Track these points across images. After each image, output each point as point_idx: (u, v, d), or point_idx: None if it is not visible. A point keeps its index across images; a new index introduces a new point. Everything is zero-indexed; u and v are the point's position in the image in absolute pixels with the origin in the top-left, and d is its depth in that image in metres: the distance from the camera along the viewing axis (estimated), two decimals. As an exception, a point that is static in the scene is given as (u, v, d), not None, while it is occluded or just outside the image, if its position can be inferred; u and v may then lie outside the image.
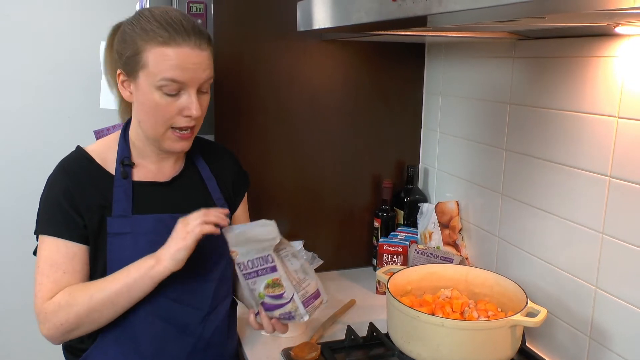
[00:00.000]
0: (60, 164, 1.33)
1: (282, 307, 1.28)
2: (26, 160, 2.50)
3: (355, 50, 1.95)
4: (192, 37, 1.23)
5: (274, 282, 1.27)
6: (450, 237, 1.87)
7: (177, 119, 1.27)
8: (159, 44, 1.21)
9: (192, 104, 1.25)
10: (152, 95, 1.24)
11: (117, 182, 1.31)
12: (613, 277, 1.29)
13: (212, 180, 1.43)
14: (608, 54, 1.27)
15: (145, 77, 1.23)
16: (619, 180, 1.26)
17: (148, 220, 1.30)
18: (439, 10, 0.81)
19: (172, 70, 1.22)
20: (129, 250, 1.26)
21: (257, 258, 1.26)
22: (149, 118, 1.27)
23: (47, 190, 1.30)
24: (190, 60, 1.23)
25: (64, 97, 2.51)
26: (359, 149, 2.02)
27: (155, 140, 1.30)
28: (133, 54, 1.23)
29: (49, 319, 1.23)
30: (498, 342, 1.29)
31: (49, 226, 1.27)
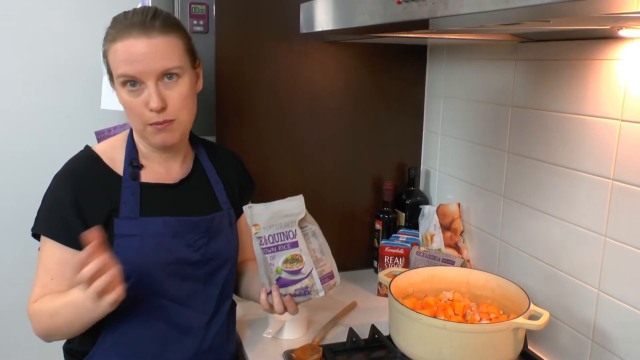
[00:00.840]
0: (68, 164, 1.32)
1: (299, 282, 1.28)
2: (26, 160, 2.49)
3: (357, 51, 1.94)
4: (137, 27, 1.20)
5: (293, 257, 1.27)
6: (451, 239, 1.87)
7: (147, 114, 1.24)
8: (111, 42, 1.23)
9: (149, 97, 1.22)
10: (121, 94, 1.26)
11: (125, 183, 1.30)
12: (616, 280, 1.29)
13: (219, 184, 1.43)
14: (611, 56, 1.27)
15: (114, 77, 1.26)
16: (621, 183, 1.26)
17: (156, 223, 1.29)
18: (444, 13, 0.81)
19: (122, 65, 1.21)
20: (135, 252, 1.26)
21: (279, 233, 1.27)
22: (129, 118, 1.29)
23: (52, 190, 1.29)
24: (136, 51, 1.20)
25: (65, 98, 2.51)
26: (360, 151, 2.02)
27: (142, 138, 1.32)
28: (104, 57, 1.27)
29: (32, 320, 1.28)
30: (500, 345, 1.29)
31: (47, 227, 1.27)
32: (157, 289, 1.29)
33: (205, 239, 1.35)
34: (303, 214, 1.29)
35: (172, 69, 1.23)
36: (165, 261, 1.29)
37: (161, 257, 1.28)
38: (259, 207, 1.28)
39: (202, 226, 1.34)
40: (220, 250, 1.37)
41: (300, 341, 1.52)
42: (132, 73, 1.21)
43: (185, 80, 1.27)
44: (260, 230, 1.26)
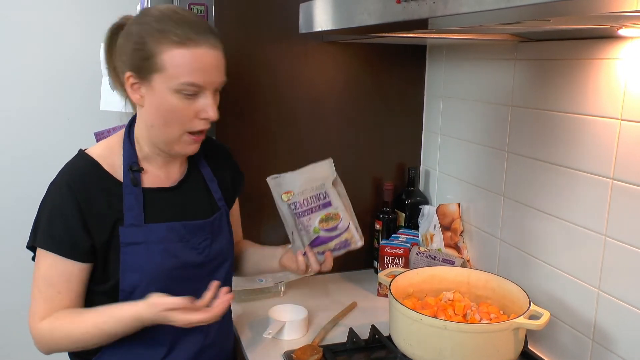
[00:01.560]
0: (65, 172, 1.26)
1: (338, 237, 1.38)
2: (26, 161, 2.49)
3: (356, 52, 1.94)
4: (208, 35, 1.20)
5: (327, 216, 1.37)
6: (451, 240, 1.87)
7: (194, 122, 1.23)
8: (175, 45, 1.17)
9: (209, 107, 1.22)
10: (169, 98, 1.19)
11: (127, 189, 1.26)
12: (616, 280, 1.29)
13: (213, 181, 1.42)
14: (611, 56, 1.27)
15: (162, 80, 1.19)
16: (621, 183, 1.26)
17: (161, 229, 1.27)
18: (444, 12, 0.81)
19: (192, 73, 1.18)
20: (142, 259, 1.25)
21: (312, 196, 1.36)
22: (164, 122, 1.23)
23: (51, 200, 1.23)
24: (208, 61, 1.20)
25: (64, 99, 2.51)
26: (360, 151, 2.02)
27: (167, 144, 1.27)
28: (146, 57, 1.18)
29: (41, 339, 1.24)
30: (501, 345, 1.28)
31: (50, 241, 1.21)
32: (162, 292, 1.25)
33: (209, 240, 1.35)
34: (334, 175, 1.39)
35: (223, 84, 1.27)
36: (171, 266, 1.28)
37: (168, 263, 1.27)
38: (288, 175, 1.36)
39: (205, 228, 1.35)
40: (222, 249, 1.38)
41: (300, 342, 1.52)
42: (201, 83, 1.20)
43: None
44: (294, 196, 1.34)
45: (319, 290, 1.89)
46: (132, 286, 1.25)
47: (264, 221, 1.87)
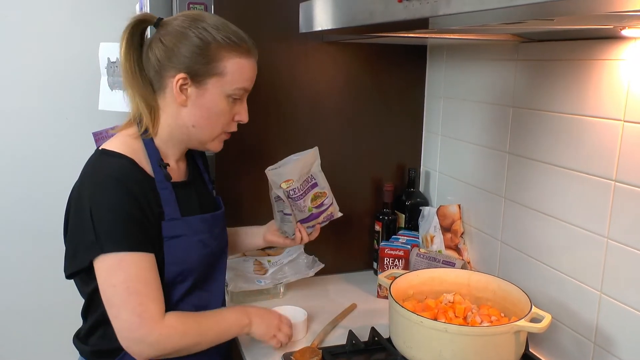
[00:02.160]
0: (107, 172, 1.22)
1: (325, 211, 1.59)
2: (25, 161, 2.48)
3: (356, 52, 1.93)
4: (256, 51, 1.35)
5: (316, 195, 1.56)
6: (452, 241, 1.86)
7: (231, 124, 1.36)
8: (240, 55, 1.29)
9: (244, 110, 1.36)
10: (220, 101, 1.30)
11: (161, 184, 1.29)
12: (618, 282, 1.28)
13: (205, 173, 1.52)
14: (614, 56, 1.26)
15: (218, 84, 1.28)
16: (624, 185, 1.24)
17: (196, 221, 1.34)
18: (446, 11, 0.79)
19: (247, 81, 1.32)
20: (182, 252, 1.30)
21: (304, 180, 1.53)
22: (209, 122, 1.32)
23: (107, 204, 1.20)
24: (254, 73, 1.35)
25: (63, 99, 2.49)
26: (359, 152, 2.01)
27: (202, 142, 1.36)
28: (208, 61, 1.26)
29: (160, 341, 1.22)
30: (502, 348, 1.27)
31: (130, 242, 1.20)
32: (195, 281, 1.35)
33: (222, 229, 1.46)
34: (319, 160, 1.58)
35: None
36: (205, 255, 1.36)
37: (203, 253, 1.35)
38: (286, 166, 1.51)
39: (221, 218, 1.46)
40: (226, 237, 1.49)
41: (299, 344, 1.50)
42: (249, 89, 1.35)
43: None
44: (293, 183, 1.50)
45: (319, 292, 1.88)
46: (175, 277, 1.30)
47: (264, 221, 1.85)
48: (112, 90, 2.00)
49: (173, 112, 1.31)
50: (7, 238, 2.52)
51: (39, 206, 2.46)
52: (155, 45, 1.28)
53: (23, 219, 2.49)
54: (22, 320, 2.56)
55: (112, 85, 1.99)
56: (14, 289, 2.55)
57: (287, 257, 1.87)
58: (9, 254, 2.52)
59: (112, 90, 2.01)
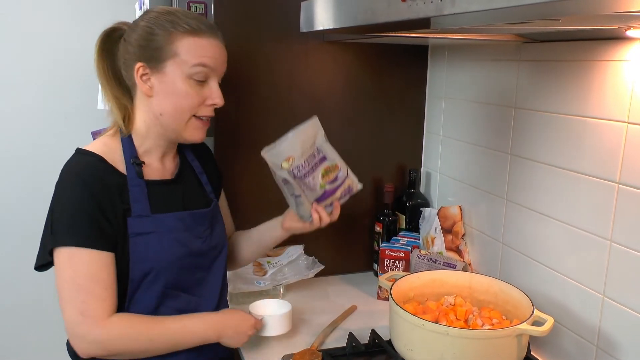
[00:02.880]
0: (73, 168, 1.28)
1: (341, 186, 1.44)
2: (23, 160, 2.47)
3: (357, 51, 1.92)
4: (216, 31, 1.32)
5: (327, 169, 1.42)
6: (452, 243, 1.84)
7: (201, 108, 1.32)
8: (190, 34, 1.27)
9: (215, 93, 1.32)
10: (181, 83, 1.28)
11: (132, 181, 1.30)
12: (621, 285, 1.27)
13: (203, 174, 1.49)
14: (618, 57, 1.25)
15: (175, 66, 1.27)
16: (628, 187, 1.23)
17: (169, 219, 1.33)
18: (451, 11, 0.78)
19: (205, 57, 1.28)
20: (153, 249, 1.29)
21: (309, 155, 1.39)
22: (175, 108, 1.29)
23: (66, 199, 1.24)
24: (217, 51, 1.32)
25: (62, 98, 2.48)
26: (360, 152, 2.00)
27: (176, 131, 1.33)
28: (159, 46, 1.27)
29: (101, 341, 1.22)
30: (503, 351, 1.26)
31: (82, 237, 1.21)
32: (171, 282, 1.33)
33: (209, 229, 1.42)
34: (322, 131, 1.42)
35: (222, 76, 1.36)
36: (181, 255, 1.33)
37: (178, 252, 1.33)
38: (284, 142, 1.36)
39: (207, 217, 1.42)
40: (220, 238, 1.46)
41: (299, 346, 1.49)
42: (212, 66, 1.30)
43: None
44: (295, 160, 1.36)
45: (318, 293, 1.87)
46: (142, 275, 1.29)
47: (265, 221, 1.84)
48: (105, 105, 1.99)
49: (145, 106, 1.33)
50: (6, 237, 2.50)
51: (37, 205, 2.44)
52: (122, 45, 1.33)
53: (21, 218, 2.48)
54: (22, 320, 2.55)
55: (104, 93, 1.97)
56: (13, 289, 2.54)
57: (287, 258, 1.86)
58: (6, 253, 2.50)
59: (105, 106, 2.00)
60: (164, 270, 1.31)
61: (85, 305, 1.20)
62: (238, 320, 1.38)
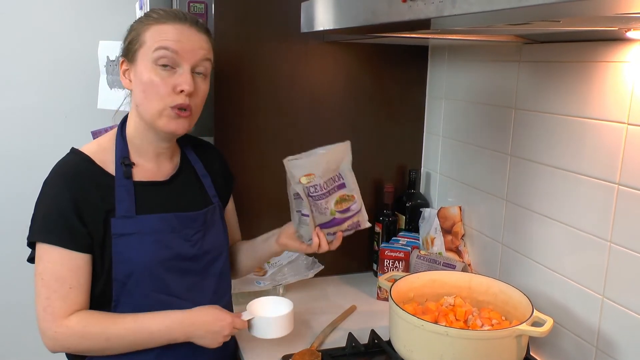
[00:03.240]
0: (58, 168, 1.29)
1: (350, 218, 1.38)
2: (23, 160, 2.47)
3: (357, 52, 1.92)
4: (188, 19, 1.30)
5: (341, 197, 1.36)
6: (452, 243, 1.84)
7: (172, 96, 1.27)
8: (155, 22, 1.27)
9: (182, 78, 1.26)
10: (148, 72, 1.26)
11: (119, 182, 1.29)
12: (621, 286, 1.27)
13: (207, 177, 1.45)
14: (618, 58, 1.25)
15: (143, 55, 1.27)
16: (627, 188, 1.23)
17: (153, 220, 1.30)
18: (452, 12, 0.78)
19: (167, 40, 1.26)
20: (135, 250, 1.27)
21: (330, 178, 1.34)
22: (146, 97, 1.27)
23: (46, 196, 1.26)
24: (185, 35, 1.28)
25: (62, 97, 2.48)
26: (360, 153, 1.96)
27: (152, 122, 1.29)
28: (132, 39, 1.29)
29: (57, 339, 1.23)
30: (503, 352, 1.26)
31: (52, 235, 1.22)
32: (158, 285, 1.30)
33: (201, 232, 1.37)
34: (350, 157, 1.38)
35: (205, 62, 1.30)
36: (164, 257, 1.30)
37: (160, 254, 1.29)
38: (309, 158, 1.33)
39: (198, 220, 1.37)
40: (215, 242, 1.41)
41: (298, 346, 1.49)
42: (176, 48, 1.25)
43: (207, 82, 1.34)
44: (315, 178, 1.31)
45: (318, 293, 1.87)
46: (125, 276, 1.27)
47: (264, 221, 1.84)
48: (111, 88, 1.99)
49: (131, 102, 1.35)
50: (3, 237, 2.50)
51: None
52: None
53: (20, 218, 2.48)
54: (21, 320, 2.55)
55: (111, 83, 1.98)
56: (12, 288, 2.53)
57: (287, 259, 1.86)
58: (6, 253, 2.50)
59: (111, 88, 2.00)
60: (146, 272, 1.28)
61: (48, 302, 1.22)
62: (210, 318, 1.29)
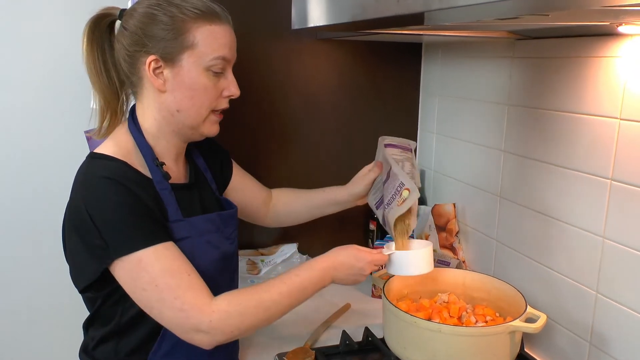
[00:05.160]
0: (99, 174, 1.13)
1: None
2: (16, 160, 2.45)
3: (351, 49, 1.92)
4: (228, 18, 1.24)
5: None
6: (447, 240, 1.84)
7: (219, 100, 1.25)
8: (208, 22, 1.18)
9: (232, 83, 1.25)
10: (200, 77, 1.19)
11: (160, 185, 1.20)
12: (614, 282, 1.26)
13: (208, 172, 1.42)
14: (610, 54, 1.24)
15: (193, 58, 1.18)
16: (620, 184, 1.23)
17: (200, 221, 1.25)
18: (440, 6, 0.78)
19: (223, 48, 1.20)
20: (190, 255, 1.18)
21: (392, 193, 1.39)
22: (193, 103, 1.21)
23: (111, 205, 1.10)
24: (233, 39, 1.24)
25: (55, 96, 2.47)
26: (354, 150, 1.99)
27: (193, 127, 1.24)
28: (176, 35, 1.16)
29: (216, 327, 1.12)
30: (497, 348, 1.26)
31: (143, 238, 1.11)
32: (211, 286, 1.18)
33: (237, 230, 1.38)
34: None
35: None
36: (215, 258, 1.27)
37: (213, 255, 1.26)
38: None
39: (234, 217, 1.38)
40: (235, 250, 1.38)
41: (291, 344, 1.48)
42: (230, 57, 1.23)
43: None
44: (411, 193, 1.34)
45: (312, 292, 1.86)
46: None
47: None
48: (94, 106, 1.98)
49: (156, 102, 1.22)
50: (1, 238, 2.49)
51: (33, 205, 2.44)
52: (121, 35, 1.21)
53: (16, 218, 2.47)
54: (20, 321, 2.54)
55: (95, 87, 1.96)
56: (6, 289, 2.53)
57: (281, 257, 1.85)
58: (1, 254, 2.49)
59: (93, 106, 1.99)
60: (202, 276, 1.18)
61: (179, 301, 1.10)
62: (352, 260, 1.28)
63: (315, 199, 1.63)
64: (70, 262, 1.20)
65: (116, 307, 1.20)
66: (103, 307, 1.22)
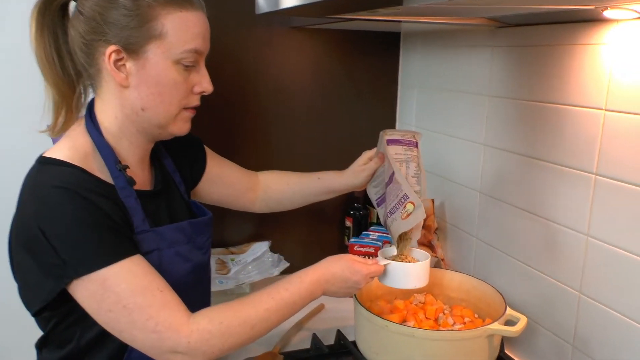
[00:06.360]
0: (55, 183, 0.99)
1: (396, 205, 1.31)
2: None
3: (326, 39, 1.84)
4: (202, 2, 1.10)
5: None
6: (425, 237, 1.77)
7: (189, 97, 1.11)
8: (177, 8, 1.03)
9: (204, 78, 1.11)
10: (168, 70, 1.05)
11: (124, 191, 1.07)
12: (598, 283, 1.20)
13: (176, 173, 1.29)
14: (595, 41, 1.17)
15: (161, 49, 1.03)
16: (605, 179, 1.16)
17: (169, 231, 1.13)
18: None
19: (195, 38, 1.06)
20: (158, 269, 1.05)
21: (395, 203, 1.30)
22: (161, 100, 1.07)
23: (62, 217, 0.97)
24: (207, 28, 1.10)
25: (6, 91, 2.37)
26: (329, 144, 1.92)
27: (161, 126, 1.11)
28: (142, 23, 1.01)
29: (195, 348, 1.00)
30: (474, 353, 1.19)
31: (104, 255, 0.98)
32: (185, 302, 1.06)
33: (210, 238, 1.25)
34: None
35: None
36: (186, 271, 1.15)
37: (182, 268, 1.14)
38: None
39: (208, 225, 1.25)
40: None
41: (260, 349, 1.40)
42: (203, 49, 1.09)
43: None
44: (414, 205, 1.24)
45: (285, 291, 1.78)
46: None
47: (231, 215, 1.75)
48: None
49: (117, 99, 1.08)
50: None
51: None
52: (76, 19, 1.05)
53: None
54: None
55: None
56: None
57: (252, 256, 1.77)
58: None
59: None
60: None
61: (152, 321, 0.99)
62: (346, 273, 1.18)
63: (310, 186, 1.51)
64: (21, 282, 1.06)
65: (74, 328, 1.08)
66: (59, 327, 1.08)
